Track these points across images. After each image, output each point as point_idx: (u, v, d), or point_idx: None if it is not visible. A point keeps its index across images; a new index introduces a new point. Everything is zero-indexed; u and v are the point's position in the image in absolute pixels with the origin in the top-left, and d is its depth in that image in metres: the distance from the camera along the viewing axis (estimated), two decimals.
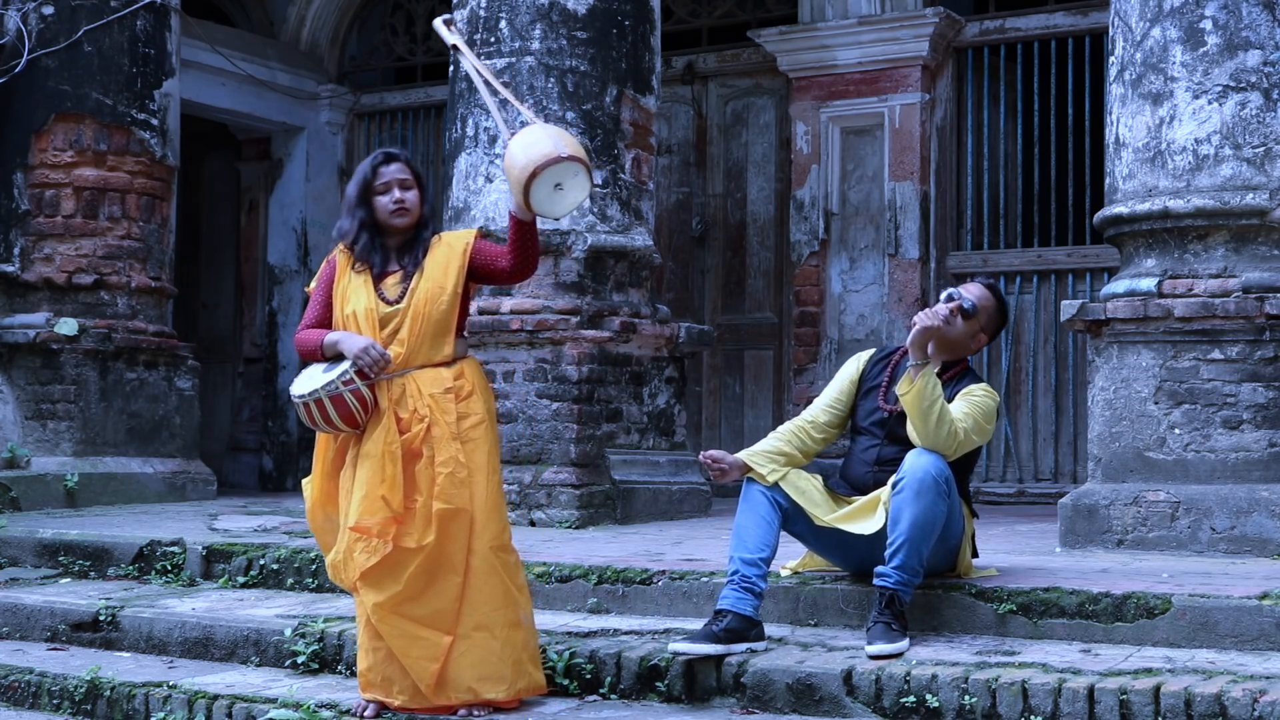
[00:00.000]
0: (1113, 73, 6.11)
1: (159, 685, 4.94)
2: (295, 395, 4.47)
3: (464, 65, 4.75)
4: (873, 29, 9.45)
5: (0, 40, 8.78)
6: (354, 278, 4.60)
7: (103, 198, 8.85)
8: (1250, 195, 5.66)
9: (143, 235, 9.01)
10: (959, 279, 8.40)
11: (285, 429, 11.27)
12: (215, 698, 4.75)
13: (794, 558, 5.13)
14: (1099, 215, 6.13)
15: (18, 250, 8.79)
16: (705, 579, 5.13)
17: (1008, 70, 9.50)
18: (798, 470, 4.82)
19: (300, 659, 5.08)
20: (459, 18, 7.72)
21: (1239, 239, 5.71)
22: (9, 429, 8.57)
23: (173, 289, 9.35)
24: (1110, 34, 6.20)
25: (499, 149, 7.50)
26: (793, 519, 4.76)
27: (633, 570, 5.31)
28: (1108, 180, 6.10)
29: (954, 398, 4.75)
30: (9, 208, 8.85)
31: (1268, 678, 4.00)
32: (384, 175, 4.60)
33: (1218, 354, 5.64)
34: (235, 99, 10.93)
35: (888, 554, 4.52)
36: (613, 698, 4.61)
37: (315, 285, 4.67)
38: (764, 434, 5.07)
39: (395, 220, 4.59)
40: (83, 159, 8.80)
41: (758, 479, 4.73)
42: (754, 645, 4.56)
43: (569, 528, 7.04)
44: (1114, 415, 5.80)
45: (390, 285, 4.58)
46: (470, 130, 7.65)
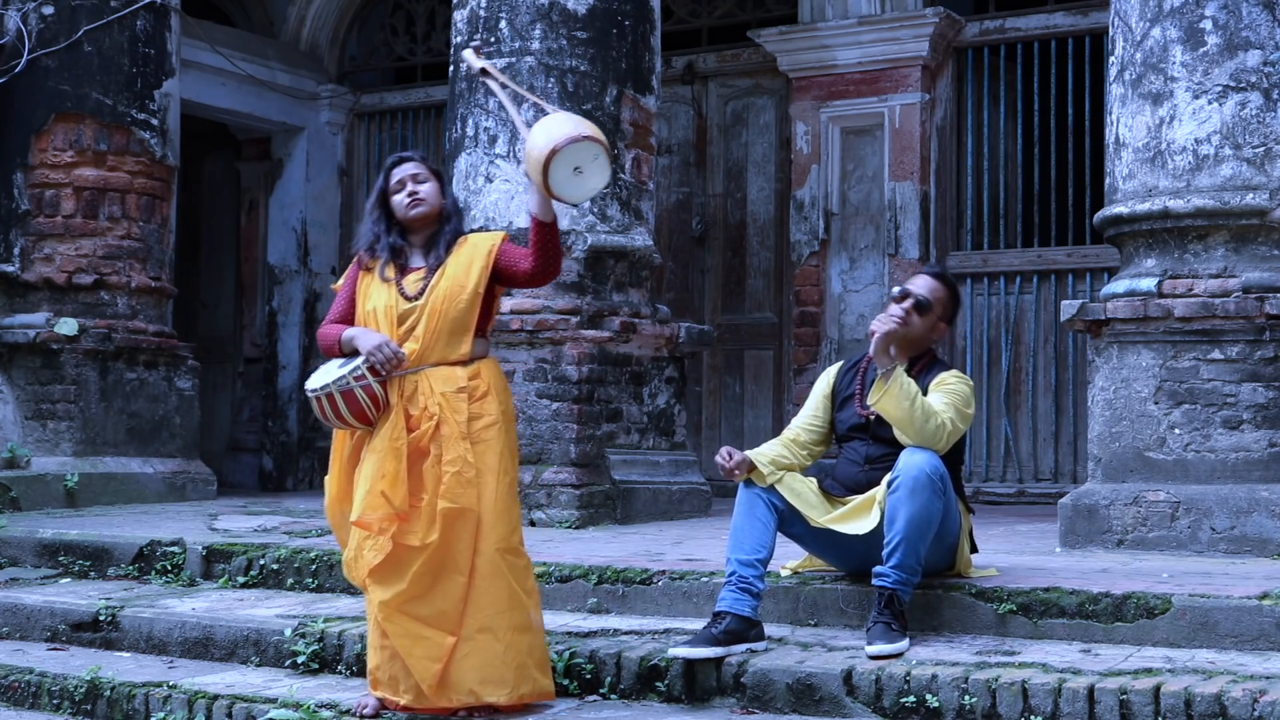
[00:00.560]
0: (1113, 73, 6.11)
1: (159, 685, 4.95)
2: (308, 389, 4.50)
3: (494, 89, 4.75)
4: (873, 29, 9.44)
5: (0, 40, 8.78)
6: (378, 275, 4.62)
7: (103, 198, 8.85)
8: (1250, 195, 5.66)
9: (143, 235, 9.01)
10: (959, 279, 8.39)
11: (285, 429, 11.27)
12: (215, 698, 4.75)
13: (794, 558, 5.13)
14: (1099, 215, 6.12)
15: (18, 250, 8.79)
16: (705, 579, 5.13)
17: (1008, 70, 9.49)
18: (793, 473, 4.83)
19: (300, 659, 5.09)
20: (459, 18, 7.75)
21: (1239, 239, 5.71)
22: (9, 429, 8.57)
23: (173, 289, 9.35)
24: (1110, 34, 6.20)
25: (499, 149, 7.51)
26: (789, 521, 4.76)
27: (633, 570, 5.31)
28: (1108, 180, 6.10)
29: (928, 389, 4.74)
30: (9, 208, 8.85)
31: (1268, 678, 4.00)
32: (397, 175, 4.65)
33: (1218, 354, 5.63)
34: (235, 99, 10.93)
35: (885, 553, 4.52)
36: (613, 698, 4.61)
37: (341, 282, 4.72)
38: (764, 434, 5.09)
39: (412, 212, 4.61)
40: (83, 159, 8.80)
41: (754, 480, 4.73)
42: (754, 645, 4.56)
43: (569, 528, 7.05)
44: (1114, 415, 5.80)
45: (411, 282, 4.60)
46: (470, 130, 7.64)
